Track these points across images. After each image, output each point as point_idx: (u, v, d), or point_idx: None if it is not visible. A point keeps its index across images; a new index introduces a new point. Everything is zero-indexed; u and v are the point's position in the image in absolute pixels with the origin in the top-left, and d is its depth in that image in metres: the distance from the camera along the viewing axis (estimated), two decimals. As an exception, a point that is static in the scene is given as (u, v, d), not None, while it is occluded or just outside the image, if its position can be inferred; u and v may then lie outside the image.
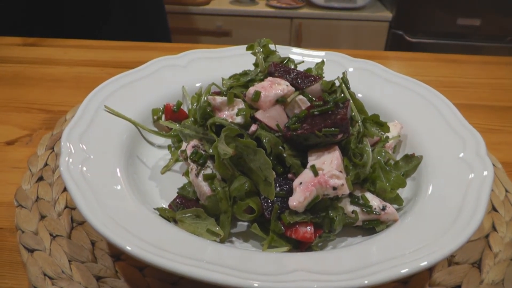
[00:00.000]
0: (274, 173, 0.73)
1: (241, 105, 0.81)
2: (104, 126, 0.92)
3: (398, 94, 1.06)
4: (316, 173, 0.72)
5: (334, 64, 1.13)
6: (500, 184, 1.00)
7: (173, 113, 0.99)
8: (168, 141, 1.01)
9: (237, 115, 0.78)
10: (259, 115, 0.78)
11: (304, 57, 1.14)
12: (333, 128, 0.74)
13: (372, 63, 1.15)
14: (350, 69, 1.13)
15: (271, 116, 0.78)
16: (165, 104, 1.01)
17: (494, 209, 0.93)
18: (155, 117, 1.00)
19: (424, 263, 0.61)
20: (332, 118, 0.75)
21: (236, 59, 1.12)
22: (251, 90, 0.80)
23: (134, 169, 0.90)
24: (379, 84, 1.09)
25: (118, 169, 0.84)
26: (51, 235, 0.82)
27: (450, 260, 0.81)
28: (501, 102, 1.39)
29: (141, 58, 1.14)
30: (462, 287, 0.77)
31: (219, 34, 3.65)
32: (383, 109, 1.04)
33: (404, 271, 0.59)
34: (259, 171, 0.73)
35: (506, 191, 0.98)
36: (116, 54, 1.57)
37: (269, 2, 3.62)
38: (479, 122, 1.29)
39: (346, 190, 0.72)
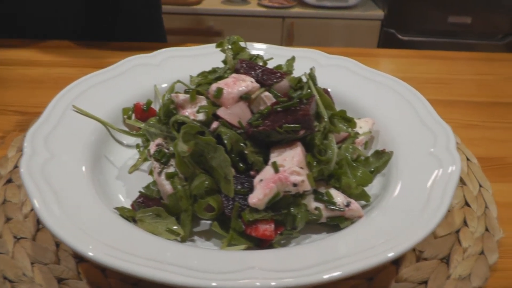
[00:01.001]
0: (233, 170, 0.72)
1: (204, 102, 0.80)
2: (71, 126, 0.91)
3: (371, 90, 1.05)
4: (276, 170, 0.71)
5: (309, 61, 1.12)
6: (474, 179, 0.99)
7: (143, 112, 0.98)
8: (140, 141, 1.00)
9: (197, 112, 0.77)
10: (220, 112, 0.77)
11: (278, 55, 1.12)
12: (294, 124, 0.73)
13: (348, 60, 1.14)
14: (325, 66, 1.12)
15: (233, 113, 0.77)
16: (135, 103, 1.00)
17: (466, 204, 0.92)
18: (125, 116, 0.99)
19: (373, 262, 0.60)
20: (294, 114, 0.74)
21: (210, 57, 1.10)
22: (213, 87, 0.79)
23: (102, 169, 0.89)
24: (354, 80, 1.08)
25: (82, 170, 0.83)
26: (15, 237, 0.81)
27: (419, 256, 0.80)
28: (484, 98, 1.38)
29: (122, 58, 1.13)
30: (428, 283, 0.76)
31: (211, 34, 3.64)
32: (356, 105, 1.03)
33: (358, 267, 0.58)
34: (219, 168, 0.72)
35: (480, 186, 0.97)
36: (96, 54, 1.56)
37: (261, 2, 3.62)
38: (460, 118, 1.27)
39: (307, 187, 0.71)
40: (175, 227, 0.71)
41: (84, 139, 0.90)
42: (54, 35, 1.66)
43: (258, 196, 0.69)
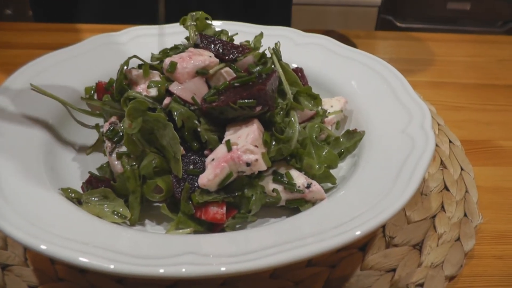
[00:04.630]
0: (182, 148, 0.67)
1: (157, 77, 0.75)
2: (27, 106, 0.87)
3: (348, 68, 0.99)
4: (229, 148, 0.66)
5: (285, 39, 1.06)
6: (456, 162, 0.93)
7: (105, 91, 0.93)
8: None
9: (148, 87, 0.72)
10: (172, 87, 0.71)
11: (250, 33, 1.06)
12: (249, 100, 0.67)
13: (324, 38, 1.07)
14: (300, 44, 1.06)
15: (187, 89, 0.71)
16: (97, 82, 0.95)
17: (446, 188, 0.87)
18: (87, 95, 0.94)
19: (336, 242, 0.55)
20: (249, 89, 0.68)
21: (179, 35, 1.04)
22: (167, 61, 0.74)
23: (58, 151, 0.84)
24: (330, 59, 1.02)
25: (33, 152, 0.78)
26: (-39, 222, 0.77)
27: (389, 242, 0.75)
28: (472, 80, 1.32)
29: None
30: (397, 271, 0.71)
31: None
32: (332, 84, 0.98)
33: (316, 249, 0.54)
34: (169, 147, 0.67)
35: (462, 169, 0.91)
36: (76, 36, 1.51)
37: (256, -11, 3.54)
38: (446, 100, 1.22)
39: (262, 166, 0.66)
40: (121, 209, 0.66)
41: (39, 120, 0.85)
42: None
43: (208, 177, 0.64)
